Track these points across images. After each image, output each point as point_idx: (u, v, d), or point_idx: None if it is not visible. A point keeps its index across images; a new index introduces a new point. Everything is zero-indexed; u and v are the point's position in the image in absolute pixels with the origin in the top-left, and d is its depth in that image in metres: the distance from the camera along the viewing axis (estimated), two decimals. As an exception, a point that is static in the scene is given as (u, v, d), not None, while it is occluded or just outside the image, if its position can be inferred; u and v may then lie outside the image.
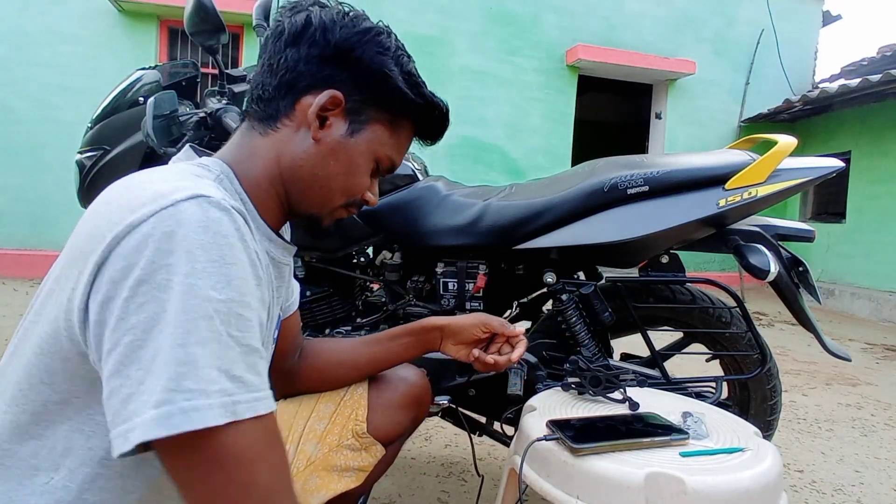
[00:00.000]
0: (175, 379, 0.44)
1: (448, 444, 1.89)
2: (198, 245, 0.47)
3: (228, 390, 0.47)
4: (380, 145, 0.70)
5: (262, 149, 0.66)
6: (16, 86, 4.81)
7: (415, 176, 1.40)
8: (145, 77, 1.52)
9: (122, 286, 0.46)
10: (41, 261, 4.71)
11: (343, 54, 0.65)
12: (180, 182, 0.51)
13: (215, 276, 0.47)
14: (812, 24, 6.89)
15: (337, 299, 1.43)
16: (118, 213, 0.49)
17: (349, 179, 0.69)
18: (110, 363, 0.46)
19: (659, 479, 0.70)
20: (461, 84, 5.71)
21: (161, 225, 0.47)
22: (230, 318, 0.48)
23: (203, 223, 0.48)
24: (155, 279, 0.46)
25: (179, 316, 0.45)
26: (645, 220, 1.20)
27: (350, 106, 0.67)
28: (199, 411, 0.44)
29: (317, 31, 0.64)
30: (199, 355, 0.45)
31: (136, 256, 0.46)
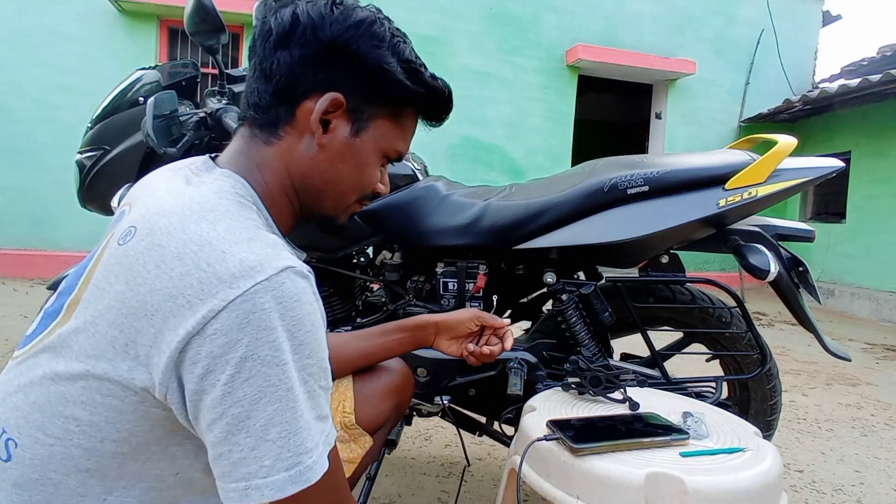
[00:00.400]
0: (302, 444, 0.51)
1: (448, 444, 1.89)
2: (294, 320, 0.51)
3: (323, 430, 0.55)
4: (385, 139, 0.69)
5: (268, 159, 0.65)
6: (16, 86, 4.80)
7: (415, 176, 1.40)
8: (145, 77, 1.52)
9: (225, 361, 0.49)
10: (41, 261, 4.71)
11: (337, 52, 0.62)
12: (257, 245, 0.53)
13: (310, 345, 0.53)
14: (812, 24, 6.89)
15: (337, 299, 1.43)
16: (207, 281, 0.50)
17: (360, 178, 0.69)
18: (216, 430, 0.50)
19: (659, 479, 0.70)
20: (461, 84, 5.70)
21: (259, 302, 0.50)
22: (321, 373, 0.55)
23: (296, 297, 0.52)
24: (259, 355, 0.49)
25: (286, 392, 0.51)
26: (645, 220, 1.20)
27: (351, 105, 0.65)
28: (320, 461, 0.53)
29: (306, 30, 0.62)
30: (308, 419, 0.52)
31: (238, 333, 0.49)
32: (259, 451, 0.50)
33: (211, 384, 0.49)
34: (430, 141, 5.50)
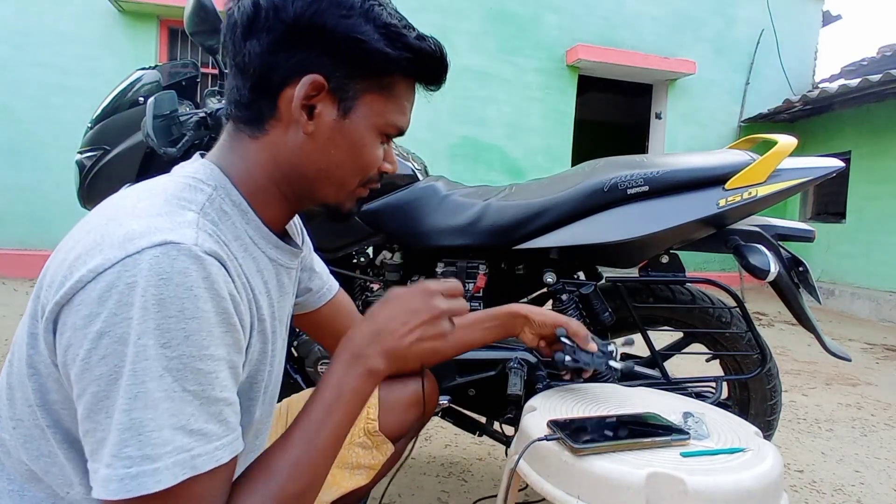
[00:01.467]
0: (118, 444, 0.46)
1: (448, 444, 1.89)
2: (156, 301, 0.46)
3: (186, 446, 0.47)
4: (379, 115, 0.63)
5: (255, 153, 0.62)
6: (16, 86, 4.80)
7: (415, 176, 1.40)
8: (145, 77, 1.52)
9: (83, 335, 0.47)
10: (41, 261, 4.67)
11: (306, 31, 0.57)
12: (154, 220, 0.50)
13: (170, 333, 0.47)
14: (812, 24, 6.89)
15: (337, 299, 1.43)
16: (90, 250, 0.49)
17: (357, 162, 0.63)
18: (81, 407, 0.48)
19: (660, 479, 0.70)
20: (461, 84, 5.70)
21: (124, 275, 0.46)
22: (186, 373, 0.48)
23: (165, 276, 0.47)
24: (115, 332, 0.46)
25: (129, 379, 0.46)
26: (645, 220, 1.20)
27: (334, 85, 0.59)
28: (139, 478, 0.45)
29: (269, 13, 0.57)
30: (145, 419, 0.46)
31: (98, 307, 0.46)
32: (111, 438, 0.46)
33: (72, 358, 0.47)
34: (430, 141, 5.53)
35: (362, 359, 0.63)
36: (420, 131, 5.56)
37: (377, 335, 0.64)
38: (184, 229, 0.50)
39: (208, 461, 0.49)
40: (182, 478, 0.47)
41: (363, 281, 1.50)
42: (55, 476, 0.55)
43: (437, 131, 5.64)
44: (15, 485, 0.56)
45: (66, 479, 0.55)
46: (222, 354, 0.51)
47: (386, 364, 0.64)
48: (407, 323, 0.65)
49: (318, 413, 0.59)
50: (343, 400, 0.60)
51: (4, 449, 0.57)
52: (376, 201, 1.36)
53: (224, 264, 0.52)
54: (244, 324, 0.55)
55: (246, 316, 0.56)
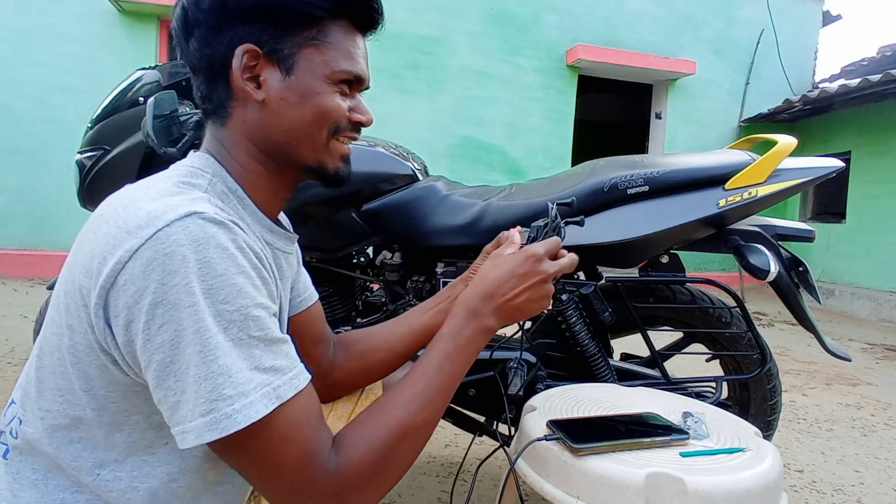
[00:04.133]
0: (215, 390, 0.50)
1: (448, 444, 1.89)
2: (200, 264, 0.50)
3: (266, 381, 0.52)
4: (323, 65, 0.63)
5: (229, 137, 0.65)
6: (16, 86, 4.80)
7: (415, 176, 1.40)
8: (145, 77, 1.52)
9: (138, 310, 0.50)
10: (41, 261, 4.71)
11: (222, 12, 0.61)
12: (172, 199, 0.54)
13: (225, 290, 0.51)
14: (812, 24, 6.89)
15: (337, 299, 1.43)
16: (118, 236, 0.51)
17: (314, 112, 0.64)
18: (150, 377, 0.51)
19: (659, 479, 0.70)
20: (461, 84, 5.70)
21: (160, 247, 0.50)
22: (247, 321, 0.52)
23: (201, 240, 0.51)
24: (168, 300, 0.49)
25: (200, 334, 0.50)
26: (645, 220, 1.20)
27: (267, 49, 0.62)
28: (243, 411, 0.50)
29: (191, 12, 0.61)
30: (229, 364, 0.50)
31: (144, 281, 0.50)
32: (188, 395, 0.50)
33: (134, 334, 0.51)
34: (430, 141, 5.53)
35: (479, 316, 0.68)
36: (420, 131, 5.57)
37: (491, 296, 0.69)
38: (201, 202, 0.54)
39: (289, 389, 0.54)
40: (272, 407, 0.51)
41: (363, 281, 1.50)
42: (85, 460, 0.57)
43: (437, 131, 5.64)
44: (39, 474, 0.59)
45: (97, 460, 0.58)
46: (267, 303, 0.56)
47: (497, 322, 0.69)
48: (517, 286, 0.69)
49: (436, 358, 0.65)
50: (459, 349, 0.66)
51: (28, 443, 0.59)
52: (376, 201, 1.36)
53: (242, 229, 0.56)
54: (273, 276, 0.60)
55: (269, 272, 0.60)
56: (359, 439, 0.58)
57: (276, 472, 0.54)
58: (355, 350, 0.88)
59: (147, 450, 0.58)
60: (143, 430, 0.58)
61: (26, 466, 0.60)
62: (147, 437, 0.58)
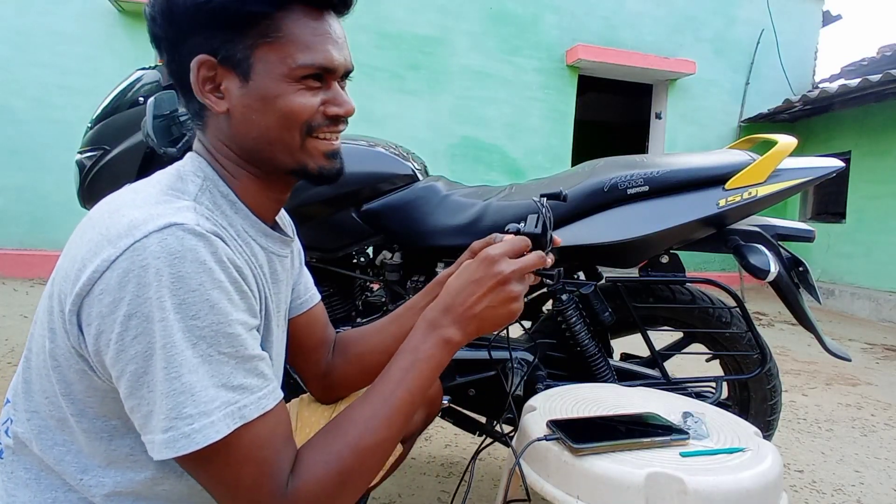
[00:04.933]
0: (176, 408, 0.50)
1: (448, 444, 1.89)
2: (174, 278, 0.50)
3: (232, 400, 0.52)
4: (280, 62, 0.60)
5: (211, 143, 0.65)
6: (16, 86, 4.80)
7: (415, 176, 1.40)
8: (145, 77, 1.52)
9: (112, 320, 0.50)
10: (41, 261, 4.71)
11: (174, 26, 0.60)
12: (155, 208, 0.54)
13: (197, 306, 0.51)
14: (812, 24, 6.89)
15: (337, 299, 1.43)
16: (99, 243, 0.52)
17: (280, 116, 0.61)
18: (123, 387, 0.52)
19: (659, 479, 0.70)
20: (461, 84, 5.70)
21: (136, 259, 0.50)
22: (218, 338, 0.52)
23: (178, 254, 0.51)
24: (141, 312, 0.50)
25: (167, 350, 0.50)
26: (645, 220, 1.20)
27: (221, 56, 0.59)
28: (203, 431, 0.50)
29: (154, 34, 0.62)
30: (193, 382, 0.50)
31: (120, 292, 0.50)
32: (157, 407, 0.50)
33: (105, 343, 0.51)
34: (430, 141, 5.53)
35: (438, 328, 0.66)
36: (420, 131, 5.57)
37: (450, 307, 0.66)
38: (184, 213, 0.54)
39: (255, 409, 0.53)
40: (234, 427, 0.51)
41: (363, 281, 1.50)
42: (68, 464, 0.58)
43: (437, 131, 5.64)
44: (31, 473, 0.60)
45: (80, 465, 0.58)
46: (244, 318, 0.55)
47: (461, 334, 0.66)
48: (474, 293, 0.66)
49: (395, 375, 0.63)
50: (419, 365, 0.64)
51: (19, 442, 0.60)
52: (376, 201, 1.36)
53: (225, 241, 0.56)
54: (255, 291, 0.59)
55: (254, 285, 0.60)
56: (316, 460, 0.57)
57: (232, 490, 0.54)
58: (351, 353, 0.87)
59: (129, 456, 0.58)
60: (123, 436, 0.58)
61: (19, 466, 0.60)
62: (127, 442, 0.58)
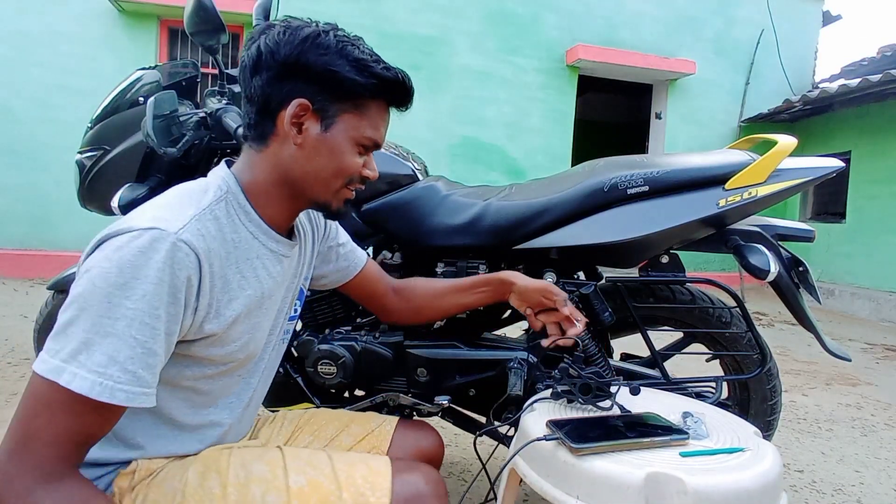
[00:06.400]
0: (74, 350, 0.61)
1: (448, 444, 1.89)
2: (130, 264, 0.63)
3: (115, 377, 0.61)
4: (354, 129, 0.79)
5: (260, 163, 0.79)
6: (16, 86, 4.80)
7: (415, 176, 1.40)
8: (145, 77, 1.52)
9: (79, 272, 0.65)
10: (41, 261, 4.71)
11: (293, 67, 0.74)
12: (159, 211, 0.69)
13: (133, 290, 0.62)
14: (812, 24, 6.89)
15: (337, 299, 1.43)
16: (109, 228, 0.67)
17: (337, 166, 0.79)
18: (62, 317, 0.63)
19: (659, 479, 0.70)
20: (461, 84, 5.71)
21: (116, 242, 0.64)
22: (135, 323, 0.62)
23: (142, 249, 0.64)
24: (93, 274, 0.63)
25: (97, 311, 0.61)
26: (645, 220, 1.20)
27: (317, 107, 0.76)
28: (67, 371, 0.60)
29: (266, 57, 0.74)
30: (98, 342, 0.61)
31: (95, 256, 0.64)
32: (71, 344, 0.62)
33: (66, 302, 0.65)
34: (430, 141, 5.53)
35: None
36: (420, 131, 5.56)
37: None
38: (175, 220, 0.67)
39: (126, 398, 0.62)
40: (97, 397, 0.60)
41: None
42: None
43: (437, 131, 5.64)
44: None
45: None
46: (165, 319, 0.65)
47: None
48: None
49: None
50: None
51: None
52: (376, 201, 1.36)
53: (198, 255, 0.68)
54: (188, 304, 0.69)
55: (194, 301, 0.69)
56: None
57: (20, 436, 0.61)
58: (413, 304, 1.12)
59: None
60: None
61: None
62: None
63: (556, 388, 0.96)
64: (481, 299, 1.11)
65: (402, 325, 1.24)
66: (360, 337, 1.33)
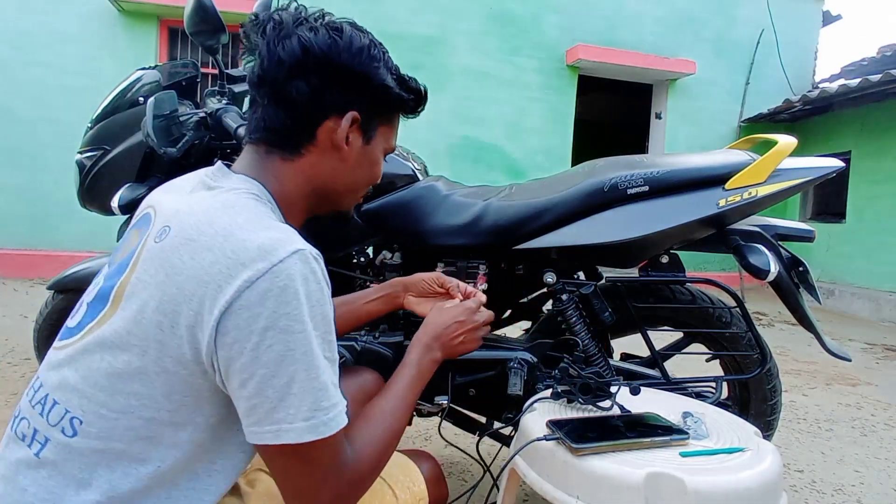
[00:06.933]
0: (316, 402, 0.61)
1: (448, 444, 1.89)
2: (305, 295, 0.60)
3: (342, 400, 0.64)
4: (386, 140, 0.81)
5: (290, 173, 0.74)
6: (16, 86, 4.80)
7: (415, 176, 1.40)
8: (145, 77, 1.52)
9: (250, 332, 0.58)
10: (41, 261, 4.71)
11: (351, 76, 0.71)
12: (272, 232, 0.62)
13: (318, 317, 0.62)
14: (812, 24, 6.89)
15: (337, 299, 1.44)
16: (231, 266, 0.59)
17: (372, 177, 0.81)
18: (249, 387, 0.59)
19: (659, 479, 0.70)
20: (461, 84, 5.70)
21: (277, 280, 0.59)
22: (327, 345, 0.63)
23: (306, 276, 0.61)
24: (279, 325, 0.58)
25: (307, 356, 0.60)
26: (645, 220, 1.20)
27: (363, 119, 0.74)
28: (336, 419, 0.62)
29: (320, 59, 0.69)
30: (325, 381, 0.61)
31: (259, 308, 0.58)
32: (285, 403, 0.59)
33: (238, 352, 0.58)
34: (430, 141, 5.53)
35: (431, 350, 0.87)
36: (420, 131, 5.55)
37: (438, 336, 0.88)
38: (295, 237, 0.64)
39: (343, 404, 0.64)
40: (345, 421, 0.63)
41: (363, 281, 1.50)
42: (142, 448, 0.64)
43: (437, 131, 5.63)
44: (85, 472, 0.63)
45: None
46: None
47: (443, 356, 0.88)
48: (457, 330, 0.90)
49: (405, 381, 0.82)
50: (419, 374, 0.84)
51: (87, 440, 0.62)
52: (376, 201, 1.36)
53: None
54: None
55: None
56: (366, 439, 0.70)
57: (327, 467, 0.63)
58: None
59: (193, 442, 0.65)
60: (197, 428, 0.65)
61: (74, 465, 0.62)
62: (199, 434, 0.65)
63: (556, 388, 0.97)
64: (371, 311, 1.05)
65: None
66: (360, 337, 1.33)
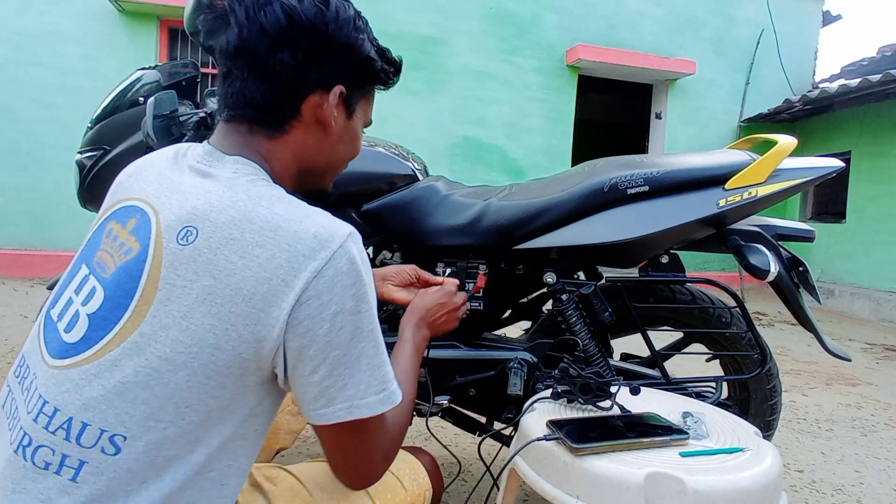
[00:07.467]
0: (386, 375, 0.65)
1: (448, 444, 1.89)
2: (365, 273, 0.63)
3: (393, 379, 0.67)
4: (365, 115, 0.78)
5: (274, 151, 0.69)
6: (16, 86, 4.80)
7: (415, 176, 1.40)
8: (145, 77, 1.52)
9: (321, 319, 0.59)
10: (41, 261, 4.71)
11: (338, 49, 0.68)
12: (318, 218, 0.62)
13: (372, 293, 0.64)
14: (812, 24, 6.89)
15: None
16: (293, 259, 0.58)
17: (353, 153, 0.78)
18: (322, 371, 0.61)
19: (659, 479, 0.70)
20: (461, 84, 5.70)
21: (341, 266, 0.60)
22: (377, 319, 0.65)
23: (362, 256, 0.63)
24: (347, 307, 0.60)
25: (373, 333, 0.63)
26: (645, 220, 1.20)
27: (347, 93, 0.71)
28: (397, 391, 0.67)
29: (306, 29, 0.64)
30: (385, 356, 0.65)
31: (328, 295, 0.59)
32: (355, 379, 0.62)
33: (311, 339, 0.59)
34: (430, 141, 5.53)
35: (422, 328, 0.94)
36: (420, 131, 5.56)
37: (425, 317, 0.96)
38: (337, 219, 0.63)
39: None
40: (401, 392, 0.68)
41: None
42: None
43: (437, 131, 5.64)
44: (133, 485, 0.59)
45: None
46: None
47: (431, 333, 0.96)
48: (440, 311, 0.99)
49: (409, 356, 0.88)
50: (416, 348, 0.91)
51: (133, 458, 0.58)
52: (376, 201, 1.36)
53: None
54: None
55: None
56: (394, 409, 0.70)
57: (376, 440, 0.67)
58: None
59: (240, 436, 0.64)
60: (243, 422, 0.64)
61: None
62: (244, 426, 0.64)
63: (556, 388, 0.96)
64: None
65: None
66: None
